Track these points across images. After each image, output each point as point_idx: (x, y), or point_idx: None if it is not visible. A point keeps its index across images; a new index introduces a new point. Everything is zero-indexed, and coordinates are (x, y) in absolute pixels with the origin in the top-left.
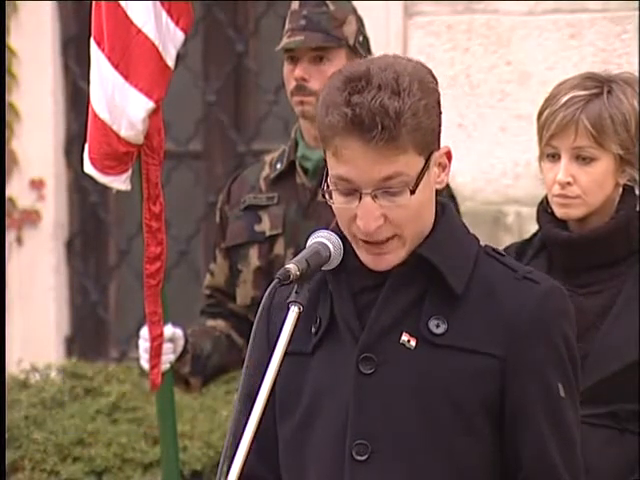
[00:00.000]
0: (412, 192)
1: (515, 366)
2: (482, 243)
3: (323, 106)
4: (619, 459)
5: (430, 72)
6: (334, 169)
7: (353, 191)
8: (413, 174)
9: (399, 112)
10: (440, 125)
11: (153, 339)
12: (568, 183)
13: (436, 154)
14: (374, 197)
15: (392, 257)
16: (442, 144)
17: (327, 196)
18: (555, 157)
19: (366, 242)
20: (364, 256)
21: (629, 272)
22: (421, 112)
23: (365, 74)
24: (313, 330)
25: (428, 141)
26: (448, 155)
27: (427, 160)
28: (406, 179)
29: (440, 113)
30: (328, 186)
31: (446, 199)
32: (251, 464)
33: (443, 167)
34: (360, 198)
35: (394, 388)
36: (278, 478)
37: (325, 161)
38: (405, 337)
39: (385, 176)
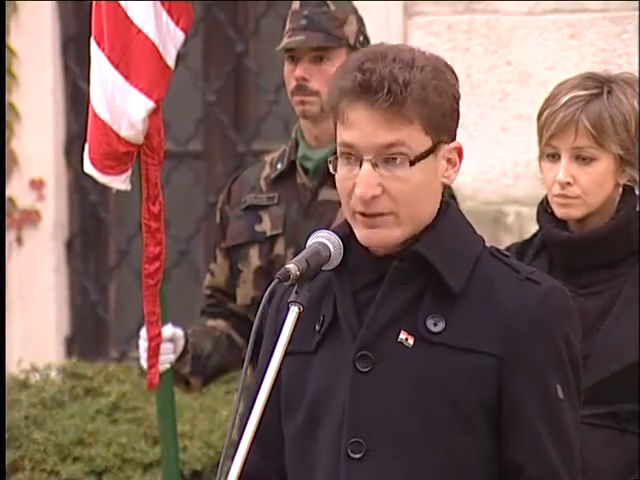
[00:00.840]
0: (412, 163)
1: (513, 366)
2: (487, 244)
3: (337, 76)
4: (619, 459)
5: (450, 68)
6: (340, 136)
7: (355, 159)
8: (415, 149)
9: (407, 81)
10: (455, 120)
11: (151, 339)
12: (568, 183)
13: (446, 146)
14: (374, 165)
15: (386, 232)
16: None
17: (332, 168)
18: (555, 157)
19: (362, 214)
20: (359, 231)
21: (629, 272)
22: (430, 88)
23: (382, 52)
24: (317, 328)
25: (436, 121)
26: (459, 152)
27: (435, 144)
28: (408, 151)
29: (457, 107)
30: (335, 155)
31: (447, 199)
32: (254, 463)
33: (453, 164)
34: (361, 165)
35: (391, 386)
36: (281, 477)
37: (326, 161)
38: (403, 335)
39: (387, 142)
